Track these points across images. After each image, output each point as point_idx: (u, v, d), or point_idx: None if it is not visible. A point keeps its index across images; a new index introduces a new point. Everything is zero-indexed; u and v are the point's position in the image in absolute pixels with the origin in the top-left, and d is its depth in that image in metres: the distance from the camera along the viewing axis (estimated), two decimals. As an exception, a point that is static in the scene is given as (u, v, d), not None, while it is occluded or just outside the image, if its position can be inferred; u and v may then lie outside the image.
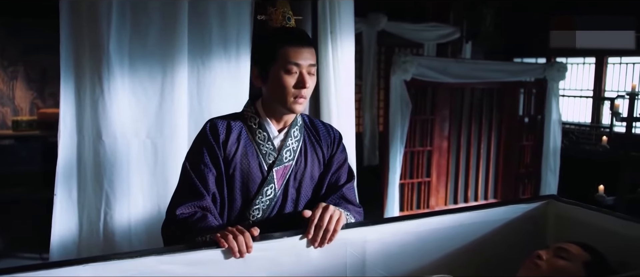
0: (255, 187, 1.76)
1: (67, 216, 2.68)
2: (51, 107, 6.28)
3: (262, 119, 1.79)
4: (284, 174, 1.79)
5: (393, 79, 4.95)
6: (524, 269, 1.62)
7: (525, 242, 1.85)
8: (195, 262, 1.45)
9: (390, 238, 1.68)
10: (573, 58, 6.54)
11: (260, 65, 1.75)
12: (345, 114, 3.22)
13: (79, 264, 1.36)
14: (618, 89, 6.23)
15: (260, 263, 1.51)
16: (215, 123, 1.78)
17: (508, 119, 5.72)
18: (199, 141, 1.79)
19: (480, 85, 5.48)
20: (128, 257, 1.40)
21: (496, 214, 1.85)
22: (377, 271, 1.67)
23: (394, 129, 4.98)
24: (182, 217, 1.65)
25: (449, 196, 5.58)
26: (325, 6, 3.07)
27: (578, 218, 1.88)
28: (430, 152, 5.40)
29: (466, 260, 1.77)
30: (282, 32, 1.76)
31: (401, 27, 6.84)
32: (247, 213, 1.76)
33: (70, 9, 2.59)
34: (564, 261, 1.59)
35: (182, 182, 1.75)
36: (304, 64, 1.69)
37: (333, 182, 1.87)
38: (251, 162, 1.76)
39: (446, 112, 5.42)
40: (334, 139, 1.91)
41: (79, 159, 2.69)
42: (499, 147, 5.75)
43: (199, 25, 2.84)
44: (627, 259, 1.67)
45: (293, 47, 1.69)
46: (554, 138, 5.62)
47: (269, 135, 1.78)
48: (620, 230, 1.77)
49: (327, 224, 1.57)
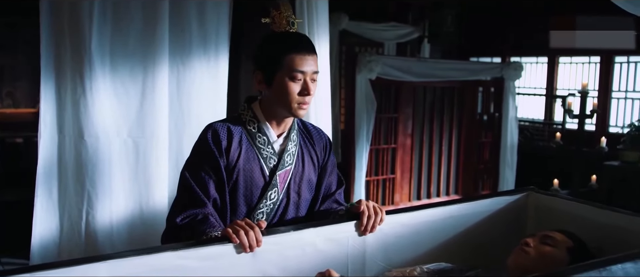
0: (258, 192, 1.78)
1: (47, 216, 2.64)
2: (9, 107, 6.09)
3: (262, 122, 1.80)
4: (285, 178, 1.81)
5: (358, 78, 5.05)
6: (514, 255, 1.73)
7: (509, 231, 1.99)
8: (208, 256, 1.49)
9: (387, 230, 1.77)
10: (527, 57, 6.82)
11: (265, 70, 1.75)
12: (322, 113, 3.29)
13: (96, 261, 1.38)
14: (569, 88, 6.53)
15: (269, 256, 1.56)
16: (217, 129, 1.76)
17: (468, 116, 5.93)
18: (199, 148, 1.77)
19: (441, 84, 5.66)
20: (145, 253, 1.42)
21: (483, 205, 1.98)
22: (376, 262, 1.76)
23: (360, 127, 5.09)
24: (182, 222, 1.66)
25: (413, 191, 5.73)
26: (303, 5, 3.13)
27: (555, 208, 2.02)
28: (394, 149, 5.54)
29: (457, 248, 1.88)
30: (288, 39, 1.75)
31: (362, 26, 6.93)
32: (250, 218, 1.77)
33: (50, 8, 2.56)
34: (550, 247, 1.71)
35: (182, 191, 1.73)
36: (309, 72, 1.72)
37: (327, 188, 1.93)
38: (253, 167, 1.77)
39: (409, 110, 5.57)
40: (326, 143, 1.96)
41: (59, 158, 2.66)
42: (460, 144, 5.95)
43: (179, 25, 2.85)
44: (602, 244, 1.81)
45: (299, 54, 1.71)
46: (511, 135, 5.86)
47: (269, 139, 1.80)
48: (595, 218, 1.92)
49: (375, 215, 1.70)
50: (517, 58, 6.65)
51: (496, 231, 1.98)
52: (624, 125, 5.97)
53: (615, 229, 1.85)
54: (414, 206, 1.90)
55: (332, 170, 1.96)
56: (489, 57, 7.27)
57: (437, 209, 1.89)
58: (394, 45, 7.32)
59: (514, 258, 1.73)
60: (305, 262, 1.62)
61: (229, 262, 1.51)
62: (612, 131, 6.06)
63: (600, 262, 1.37)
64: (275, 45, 1.75)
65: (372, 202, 1.73)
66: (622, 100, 6.09)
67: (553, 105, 6.73)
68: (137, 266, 1.41)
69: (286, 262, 1.59)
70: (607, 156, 5.36)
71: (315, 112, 3.27)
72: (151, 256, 1.43)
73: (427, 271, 1.62)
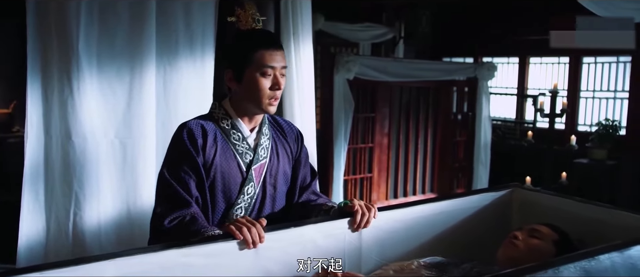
0: (237, 188, 1.80)
1: (34, 218, 2.62)
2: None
3: (234, 119, 1.82)
4: (261, 171, 1.84)
5: (336, 78, 5.10)
6: (504, 247, 1.82)
7: (496, 225, 2.08)
8: (212, 253, 1.52)
9: (382, 226, 1.82)
10: (498, 58, 6.99)
11: (235, 68, 1.78)
12: (307, 113, 3.34)
13: (104, 260, 1.40)
14: (539, 87, 6.72)
15: (271, 252, 1.60)
16: (191, 128, 1.77)
17: (443, 116, 6.04)
18: (176, 148, 1.77)
19: (417, 84, 5.75)
20: (151, 251, 1.45)
21: (470, 201, 2.06)
22: (372, 256, 1.81)
23: (338, 127, 5.14)
24: (171, 225, 1.65)
25: (390, 190, 5.82)
26: (287, 7, 3.17)
27: (539, 202, 2.12)
28: (371, 148, 5.60)
29: (448, 242, 1.95)
30: (256, 36, 1.79)
31: (338, 27, 7.01)
32: (229, 213, 1.79)
33: (36, 9, 2.54)
34: (537, 240, 1.80)
35: (163, 192, 1.73)
36: (278, 67, 1.76)
37: (303, 179, 1.97)
38: (230, 164, 1.79)
39: (386, 110, 5.64)
40: (297, 135, 2.00)
41: (46, 160, 2.64)
42: (435, 143, 6.05)
43: (165, 26, 2.86)
44: (583, 236, 1.91)
45: (268, 50, 1.74)
46: (484, 134, 5.99)
47: (243, 134, 1.82)
48: (576, 211, 2.02)
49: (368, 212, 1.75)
50: (489, 58, 6.80)
51: (484, 225, 2.06)
52: (591, 123, 6.17)
53: (595, 222, 1.95)
54: (406, 202, 1.97)
55: (305, 162, 1.99)
56: (461, 57, 7.42)
57: (428, 205, 1.97)
58: (368, 46, 7.42)
59: (503, 251, 1.81)
60: (306, 257, 1.66)
61: (233, 258, 1.54)
62: (580, 130, 6.25)
63: (590, 252, 1.45)
64: (243, 42, 1.78)
65: (364, 201, 1.78)
66: (590, 99, 6.30)
67: (524, 104, 6.90)
68: (144, 263, 1.43)
69: (287, 258, 1.63)
70: (577, 153, 5.55)
71: (301, 112, 3.31)
72: (157, 253, 1.46)
73: (424, 264, 1.68)
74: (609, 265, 1.44)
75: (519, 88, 6.95)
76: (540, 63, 6.81)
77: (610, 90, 6.12)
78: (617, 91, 6.06)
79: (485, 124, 5.99)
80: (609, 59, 6.08)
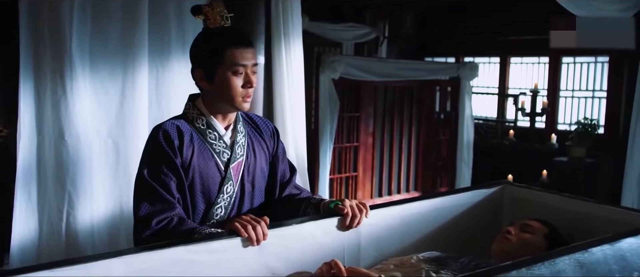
0: (216, 188, 1.78)
1: (26, 218, 2.61)
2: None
3: (208, 118, 1.80)
4: (238, 169, 1.83)
5: (322, 77, 5.15)
6: (497, 242, 1.88)
7: (488, 220, 2.15)
8: (217, 250, 1.55)
9: (379, 222, 1.87)
10: (479, 58, 7.09)
11: (206, 67, 1.75)
12: (297, 112, 3.37)
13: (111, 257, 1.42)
14: (520, 87, 6.84)
15: (273, 249, 1.64)
16: (167, 129, 1.74)
17: (426, 115, 6.12)
18: (153, 151, 1.74)
19: (401, 83, 5.83)
20: (158, 248, 1.47)
21: (463, 198, 2.12)
22: (370, 252, 1.86)
23: (323, 126, 5.18)
24: (158, 226, 1.64)
25: (374, 188, 5.88)
26: (278, 7, 3.20)
27: (529, 198, 2.19)
28: (356, 147, 5.66)
29: (443, 238, 2.01)
30: (226, 34, 1.76)
31: (322, 27, 7.04)
32: (210, 213, 1.79)
33: (29, 9, 2.54)
34: (529, 234, 1.87)
35: (145, 194, 1.69)
36: (249, 64, 1.75)
37: (283, 175, 1.98)
38: (208, 163, 1.77)
39: (371, 109, 5.70)
40: (273, 131, 1.98)
41: (38, 160, 2.63)
42: (418, 141, 6.14)
43: (158, 26, 2.87)
44: (571, 230, 1.98)
45: (238, 48, 1.73)
46: (467, 132, 6.09)
47: (219, 133, 1.80)
48: (564, 206, 2.10)
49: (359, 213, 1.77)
50: (470, 58, 6.90)
51: (476, 221, 2.12)
52: (571, 122, 6.31)
53: (582, 216, 2.03)
54: (402, 199, 2.02)
55: (283, 157, 1.99)
56: (443, 57, 7.51)
57: (423, 201, 2.03)
58: (351, 45, 7.48)
59: (497, 245, 1.87)
60: (307, 253, 1.71)
61: (237, 255, 1.58)
62: (560, 128, 6.38)
63: (583, 245, 1.51)
64: (213, 41, 1.75)
65: (356, 201, 1.81)
66: (569, 98, 6.43)
67: (505, 103, 7.02)
68: (151, 260, 1.46)
69: (289, 254, 1.68)
70: (557, 151, 5.66)
71: (291, 111, 3.35)
72: (163, 250, 1.48)
73: (423, 258, 1.73)
74: (600, 257, 1.51)
75: (500, 88, 7.07)
76: (521, 63, 6.93)
77: (588, 90, 6.26)
78: (596, 91, 6.21)
79: (468, 123, 6.08)
80: (588, 59, 6.22)
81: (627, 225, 1.77)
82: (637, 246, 1.60)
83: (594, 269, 1.48)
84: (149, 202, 1.67)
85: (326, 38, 7.14)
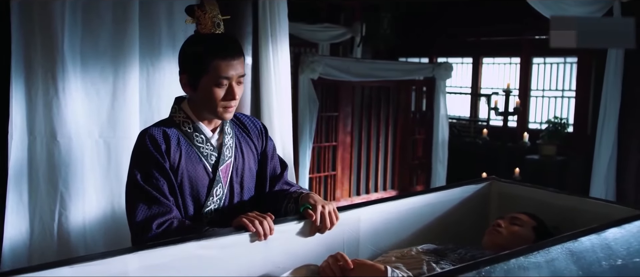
0: (205, 190, 1.78)
1: (18, 219, 2.60)
2: None
3: (195, 121, 1.79)
4: (227, 171, 1.83)
5: (301, 78, 5.20)
6: (488, 235, 1.98)
7: (476, 214, 2.25)
8: (227, 245, 1.61)
9: (377, 217, 1.95)
10: (453, 58, 7.25)
11: (190, 74, 1.73)
12: (284, 113, 3.42)
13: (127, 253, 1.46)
14: (492, 87, 7.02)
15: (278, 243, 1.71)
16: (153, 134, 1.73)
17: (402, 114, 6.23)
18: (141, 156, 1.72)
19: (378, 83, 5.93)
20: (171, 244, 1.52)
21: (454, 193, 2.22)
22: (368, 246, 1.94)
23: (303, 126, 5.23)
24: (160, 229, 1.64)
25: (353, 187, 5.96)
26: (265, 8, 3.25)
27: (516, 193, 2.31)
28: (335, 147, 5.73)
29: (436, 231, 2.11)
30: (213, 44, 1.71)
31: (298, 27, 7.09)
32: (199, 215, 1.79)
33: (20, 10, 2.53)
34: (518, 227, 1.97)
35: (140, 198, 1.68)
36: (235, 76, 1.71)
37: (273, 172, 1.97)
38: (196, 167, 1.77)
39: (349, 109, 5.78)
40: (261, 130, 1.98)
41: (30, 160, 2.62)
42: (395, 141, 6.24)
43: (149, 26, 2.88)
44: (557, 223, 2.09)
45: (225, 61, 1.68)
46: (442, 132, 6.22)
47: (206, 136, 1.80)
48: (549, 200, 2.22)
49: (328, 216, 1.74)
50: (444, 58, 7.05)
51: (466, 215, 2.23)
52: (542, 121, 6.50)
53: (567, 209, 2.15)
54: (396, 195, 2.11)
55: (272, 154, 1.98)
56: (417, 57, 7.65)
57: (416, 197, 2.14)
58: (327, 46, 7.58)
59: (488, 238, 1.97)
60: (307, 248, 1.77)
61: (245, 249, 1.64)
62: (531, 127, 6.57)
63: (573, 235, 1.62)
64: (200, 49, 1.71)
65: (328, 208, 1.75)
66: (540, 98, 6.63)
67: (478, 103, 7.19)
68: (165, 256, 1.51)
69: (293, 248, 1.74)
70: (528, 150, 5.85)
71: (279, 112, 3.39)
72: (176, 246, 1.53)
73: (422, 250, 1.81)
74: (588, 245, 1.62)
75: (472, 87, 7.24)
76: (493, 63, 7.11)
77: (558, 90, 6.47)
78: (565, 90, 6.41)
79: (443, 122, 6.21)
80: (557, 59, 6.42)
81: (607, 217, 1.88)
82: (621, 235, 1.71)
83: (583, 257, 1.59)
84: (145, 206, 1.67)
85: (302, 38, 7.22)
